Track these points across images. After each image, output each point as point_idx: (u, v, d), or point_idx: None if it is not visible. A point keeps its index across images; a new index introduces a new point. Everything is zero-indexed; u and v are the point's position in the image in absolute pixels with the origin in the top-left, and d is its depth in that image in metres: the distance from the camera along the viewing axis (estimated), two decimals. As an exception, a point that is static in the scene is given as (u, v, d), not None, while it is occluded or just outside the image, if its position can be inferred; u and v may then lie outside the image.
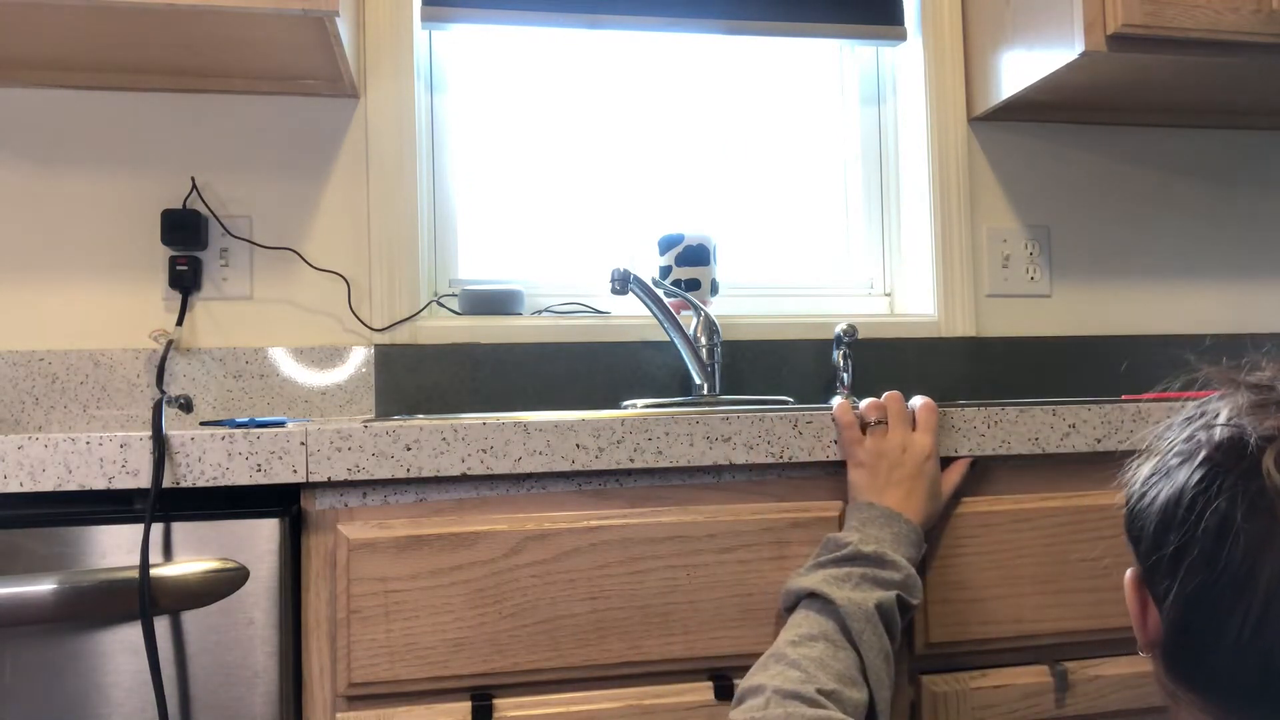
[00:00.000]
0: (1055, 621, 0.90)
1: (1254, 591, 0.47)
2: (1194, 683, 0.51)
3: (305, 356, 1.39)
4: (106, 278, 1.37)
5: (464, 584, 0.81)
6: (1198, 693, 0.51)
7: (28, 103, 1.36)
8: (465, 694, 0.82)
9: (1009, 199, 1.63)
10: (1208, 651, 0.49)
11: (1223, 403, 0.52)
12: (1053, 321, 1.63)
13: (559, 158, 1.61)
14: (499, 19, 1.46)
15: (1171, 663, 0.53)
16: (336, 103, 1.43)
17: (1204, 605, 0.49)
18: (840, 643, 0.75)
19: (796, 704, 0.68)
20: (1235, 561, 0.48)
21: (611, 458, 0.82)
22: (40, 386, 1.33)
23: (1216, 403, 0.53)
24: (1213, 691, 0.50)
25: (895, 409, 0.87)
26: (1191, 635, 0.50)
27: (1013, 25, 1.46)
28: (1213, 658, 0.49)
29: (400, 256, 1.42)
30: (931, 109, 1.58)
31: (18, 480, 0.75)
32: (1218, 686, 0.50)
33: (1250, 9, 1.30)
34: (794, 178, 1.68)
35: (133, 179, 1.38)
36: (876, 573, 0.78)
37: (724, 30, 1.52)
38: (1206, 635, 0.49)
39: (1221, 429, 0.51)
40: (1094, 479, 0.93)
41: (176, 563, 0.77)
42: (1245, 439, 0.49)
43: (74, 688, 0.75)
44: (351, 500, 0.82)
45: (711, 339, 1.38)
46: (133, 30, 1.21)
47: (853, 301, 1.65)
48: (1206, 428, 0.52)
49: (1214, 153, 1.71)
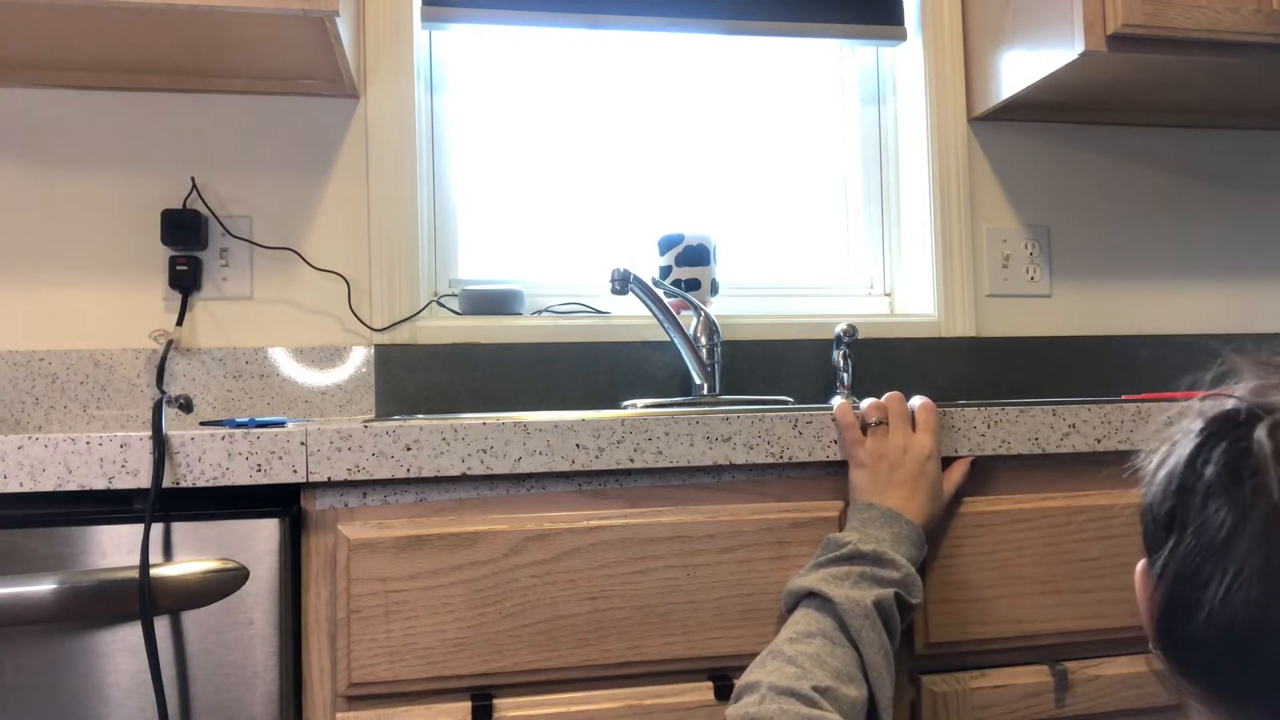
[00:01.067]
0: (1055, 621, 0.90)
1: (1230, 559, 0.47)
2: (1183, 664, 0.51)
3: (305, 356, 1.39)
4: (106, 278, 1.37)
5: (464, 584, 0.81)
6: (1190, 678, 0.51)
7: (28, 103, 1.37)
8: (465, 694, 0.82)
9: (1009, 199, 1.63)
10: (1189, 621, 0.49)
11: (1237, 385, 0.53)
12: (1053, 321, 1.63)
13: (559, 158, 1.61)
14: (499, 19, 1.46)
15: (1164, 642, 0.53)
16: (336, 103, 1.43)
17: (1188, 574, 0.49)
18: (839, 640, 0.75)
19: (791, 700, 0.68)
20: (1215, 528, 0.48)
21: (611, 458, 0.82)
22: (40, 386, 1.33)
23: (1232, 385, 0.54)
24: (1196, 670, 0.50)
25: (896, 410, 0.87)
26: (1176, 606, 0.50)
27: (1013, 25, 1.46)
28: (1191, 628, 0.49)
29: (400, 256, 1.42)
30: (931, 109, 1.58)
31: (18, 480, 0.75)
32: (1198, 662, 0.50)
33: (1250, 9, 1.30)
34: (794, 177, 1.68)
35: (133, 179, 1.38)
36: (875, 571, 0.78)
37: (724, 30, 1.52)
38: (1189, 604, 0.49)
39: (1226, 402, 0.51)
40: (1094, 479, 0.93)
41: (176, 563, 0.77)
42: (1241, 410, 0.50)
43: (74, 688, 0.75)
44: (351, 500, 0.82)
45: (711, 339, 1.38)
46: (133, 30, 1.21)
47: (853, 301, 1.65)
48: (1214, 405, 0.53)
49: (1214, 153, 1.71)
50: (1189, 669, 0.50)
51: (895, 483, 0.84)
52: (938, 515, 0.86)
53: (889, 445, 0.85)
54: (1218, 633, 0.47)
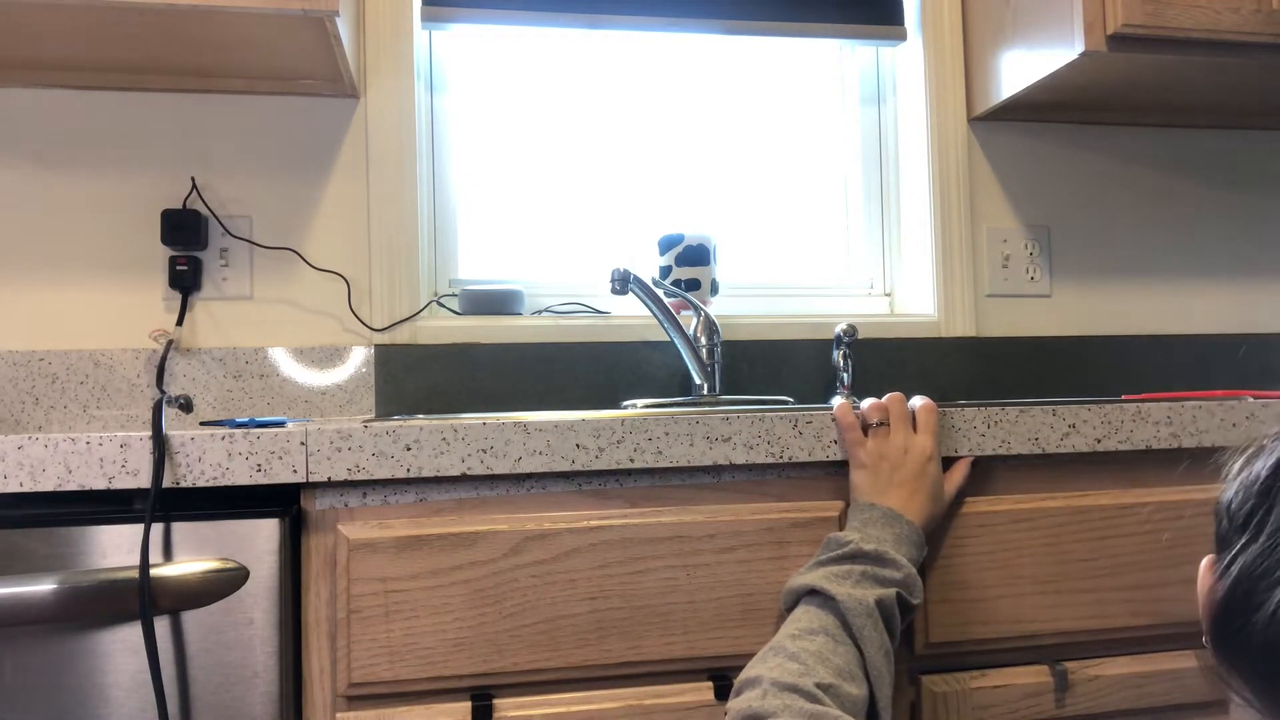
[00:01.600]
0: (1055, 621, 0.90)
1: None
2: (1235, 659, 0.52)
3: (305, 356, 1.39)
4: (106, 278, 1.37)
5: (464, 584, 0.81)
6: (1240, 674, 0.51)
7: (28, 103, 1.37)
8: (465, 694, 0.82)
9: (1009, 199, 1.63)
10: (1251, 618, 0.49)
11: None
12: (1053, 321, 1.63)
13: (559, 158, 1.61)
14: (499, 19, 1.46)
15: (1218, 637, 0.53)
16: (336, 103, 1.43)
17: (1259, 574, 0.50)
18: (840, 638, 0.75)
19: (794, 696, 0.68)
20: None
21: (611, 458, 0.82)
22: (40, 386, 1.33)
23: None
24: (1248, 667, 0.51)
25: (897, 411, 0.87)
26: (1238, 602, 0.51)
27: (1013, 25, 1.46)
28: (1252, 626, 0.49)
29: (400, 256, 1.42)
30: (931, 109, 1.58)
31: (18, 480, 0.75)
32: (1253, 659, 0.50)
33: (1250, 9, 1.30)
34: (794, 177, 1.68)
35: (133, 179, 1.38)
36: (877, 571, 0.78)
37: (724, 30, 1.52)
38: (1251, 603, 0.49)
39: None
40: (1094, 479, 0.93)
41: (176, 563, 0.77)
42: None
43: (74, 688, 0.75)
44: (351, 500, 0.82)
45: (711, 339, 1.38)
46: (133, 30, 1.21)
47: (853, 301, 1.65)
48: None
49: (1214, 153, 1.71)
50: (1240, 664, 0.51)
51: (896, 483, 0.84)
52: (938, 516, 0.86)
53: (890, 446, 0.85)
54: (1278, 640, 0.48)
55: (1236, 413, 0.93)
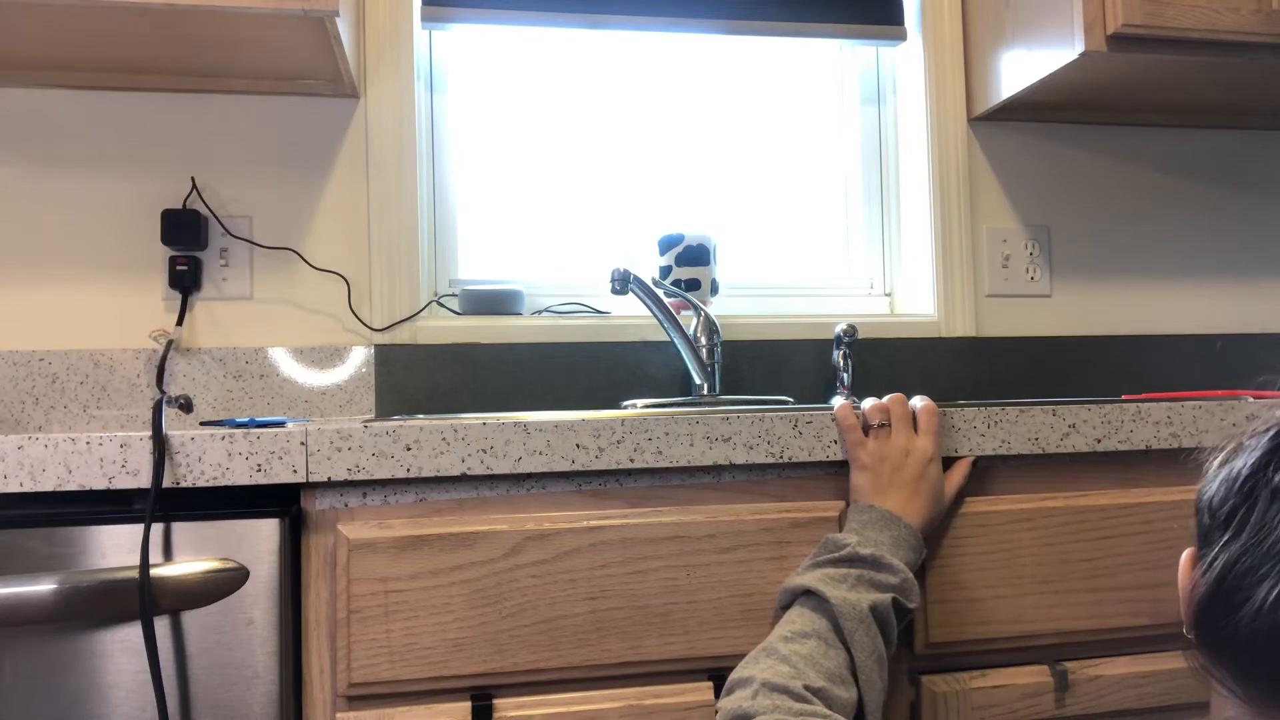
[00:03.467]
0: (1055, 621, 0.90)
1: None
2: (1217, 653, 0.52)
3: (305, 356, 1.39)
4: (106, 278, 1.37)
5: (464, 584, 0.81)
6: (1222, 667, 0.52)
7: (28, 103, 1.37)
8: (465, 694, 0.82)
9: (1009, 199, 1.63)
10: (1233, 614, 0.50)
11: None
12: (1053, 321, 1.63)
13: (559, 158, 1.61)
14: (499, 19, 1.46)
15: (1202, 626, 0.53)
16: (336, 103, 1.43)
17: (1241, 570, 0.50)
18: (832, 641, 0.75)
19: (784, 698, 0.69)
20: (1277, 533, 0.49)
21: (611, 458, 0.82)
22: (40, 386, 1.33)
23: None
24: (1230, 661, 0.51)
25: (899, 412, 0.86)
26: (1222, 596, 0.51)
27: (1012, 25, 1.46)
28: (1234, 621, 0.50)
29: (400, 256, 1.42)
30: (931, 109, 1.58)
31: (18, 480, 0.75)
32: (1235, 654, 0.51)
33: (1250, 9, 1.30)
34: (794, 177, 1.68)
35: (133, 179, 1.38)
36: (873, 575, 0.78)
37: (724, 30, 1.52)
38: (1235, 600, 0.50)
39: None
40: (1094, 479, 0.93)
41: (176, 563, 0.77)
42: None
43: (74, 688, 0.75)
44: (351, 500, 0.82)
45: (711, 339, 1.38)
46: (133, 30, 1.21)
47: (853, 301, 1.65)
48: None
49: (1214, 153, 1.71)
50: (1223, 657, 0.51)
51: (896, 485, 0.84)
52: (938, 519, 0.86)
53: (891, 448, 0.85)
54: (1264, 634, 0.48)
55: (1236, 413, 0.93)
